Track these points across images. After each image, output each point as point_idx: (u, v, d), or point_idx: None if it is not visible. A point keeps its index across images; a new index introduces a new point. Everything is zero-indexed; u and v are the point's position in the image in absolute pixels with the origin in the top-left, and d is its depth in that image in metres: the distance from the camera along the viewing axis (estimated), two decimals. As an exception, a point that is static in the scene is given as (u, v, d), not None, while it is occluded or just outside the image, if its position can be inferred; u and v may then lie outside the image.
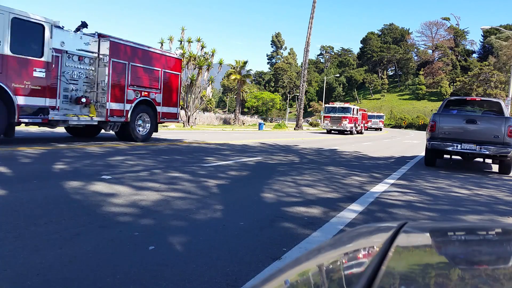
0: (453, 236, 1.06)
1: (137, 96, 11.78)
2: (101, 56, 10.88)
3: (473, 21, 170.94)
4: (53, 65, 9.50)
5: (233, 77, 48.56)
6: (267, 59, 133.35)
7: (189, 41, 28.87)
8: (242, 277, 2.37)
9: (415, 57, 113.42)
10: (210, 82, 30.76)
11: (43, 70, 9.17)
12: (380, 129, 53.75)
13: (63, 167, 6.17)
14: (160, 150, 9.85)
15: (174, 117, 13.53)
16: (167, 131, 21.60)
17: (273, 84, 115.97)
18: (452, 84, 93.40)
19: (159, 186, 5.03)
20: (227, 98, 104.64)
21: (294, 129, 40.61)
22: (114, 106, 11.08)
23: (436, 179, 7.70)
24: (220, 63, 32.07)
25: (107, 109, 10.86)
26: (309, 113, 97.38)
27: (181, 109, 29.65)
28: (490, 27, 34.41)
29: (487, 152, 8.79)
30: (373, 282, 0.61)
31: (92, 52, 10.79)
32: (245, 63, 47.11)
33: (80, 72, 10.48)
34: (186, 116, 29.07)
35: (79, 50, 10.41)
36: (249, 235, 3.25)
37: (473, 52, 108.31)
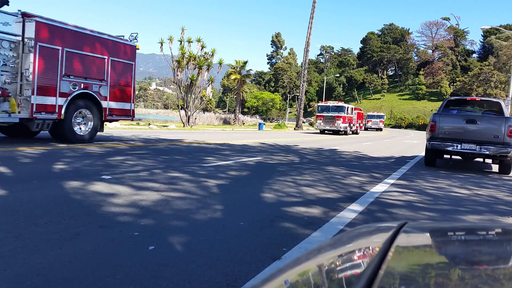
0: (453, 236, 1.06)
1: (74, 88, 9.95)
2: (26, 40, 9.04)
3: (473, 21, 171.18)
4: None
5: (233, 77, 48.58)
6: (267, 59, 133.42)
7: (189, 41, 28.85)
8: (242, 277, 2.37)
9: (415, 57, 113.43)
10: (210, 82, 30.75)
11: None
12: (381, 129, 52.84)
13: (63, 167, 6.17)
14: (160, 150, 9.85)
15: (126, 114, 11.66)
16: (167, 131, 21.60)
17: (273, 84, 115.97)
18: (452, 84, 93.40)
19: (159, 186, 5.03)
20: (227, 98, 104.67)
21: (294, 129, 40.62)
22: (42, 100, 9.23)
23: (436, 179, 7.70)
24: (220, 63, 32.05)
25: (32, 104, 9.03)
26: (309, 113, 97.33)
27: (181, 109, 29.69)
28: (490, 27, 34.41)
29: (487, 152, 8.79)
30: (373, 282, 0.61)
31: (14, 35, 8.96)
32: (245, 63, 47.14)
33: None
34: (186, 116, 29.06)
35: None
36: (249, 235, 3.25)
37: (473, 52, 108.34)
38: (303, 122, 55.27)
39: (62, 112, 9.67)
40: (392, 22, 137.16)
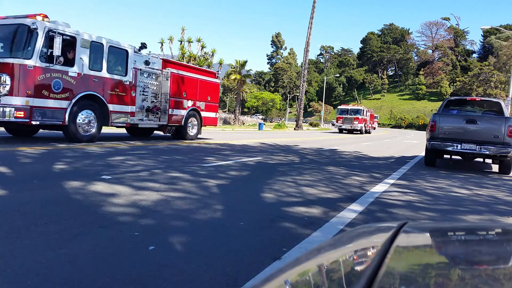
0: (453, 236, 1.06)
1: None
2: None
3: (473, 21, 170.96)
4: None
5: (233, 77, 48.54)
6: (267, 59, 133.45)
7: (189, 41, 28.89)
8: (242, 277, 2.37)
9: (415, 57, 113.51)
10: (210, 82, 30.71)
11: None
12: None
13: (63, 167, 6.17)
14: (160, 150, 9.85)
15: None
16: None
17: (273, 84, 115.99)
18: (452, 84, 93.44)
19: (159, 186, 5.03)
20: (227, 98, 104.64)
21: (294, 129, 40.62)
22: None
23: (436, 179, 7.69)
24: (220, 63, 32.08)
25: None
26: (309, 113, 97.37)
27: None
28: (490, 27, 34.43)
29: (487, 152, 8.79)
30: (373, 282, 0.61)
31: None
32: (245, 63, 47.07)
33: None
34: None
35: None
36: (249, 235, 3.25)
37: (473, 52, 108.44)
38: (303, 122, 55.47)
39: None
40: (392, 22, 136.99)
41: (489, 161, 11.48)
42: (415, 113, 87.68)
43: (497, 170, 9.87)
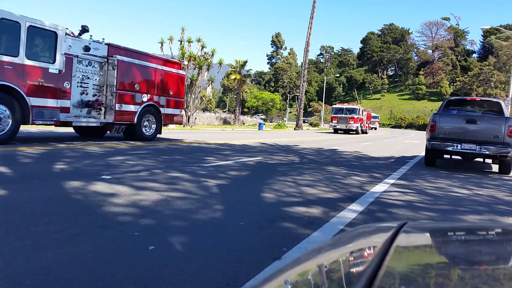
0: (453, 236, 1.06)
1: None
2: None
3: (473, 21, 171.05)
4: None
5: (233, 77, 48.56)
6: (267, 59, 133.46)
7: (189, 41, 28.86)
8: (242, 277, 2.37)
9: (415, 57, 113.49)
10: (210, 82, 30.76)
11: None
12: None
13: (63, 167, 6.17)
14: (160, 150, 9.85)
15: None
16: (167, 131, 21.60)
17: (273, 84, 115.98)
18: (452, 84, 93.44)
19: (159, 186, 5.03)
20: (227, 98, 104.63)
21: (294, 129, 40.63)
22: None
23: (436, 179, 7.70)
24: (220, 63, 32.06)
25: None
26: (309, 113, 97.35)
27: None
28: (490, 27, 34.40)
29: (487, 152, 8.79)
30: (373, 282, 0.61)
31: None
32: (245, 63, 47.10)
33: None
34: (186, 116, 29.06)
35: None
36: (249, 235, 3.25)
37: (473, 52, 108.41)
38: (304, 122, 55.55)
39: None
40: (392, 22, 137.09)
41: (489, 161, 11.48)
42: (415, 113, 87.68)
43: (497, 170, 9.87)
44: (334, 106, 39.03)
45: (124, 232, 3.10)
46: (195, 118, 31.52)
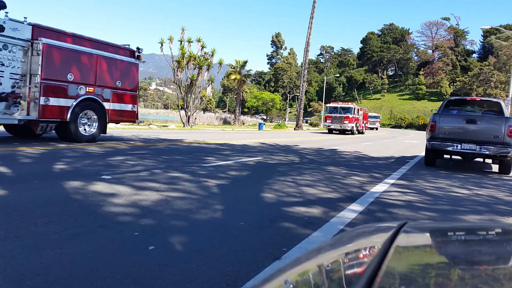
0: (453, 236, 1.06)
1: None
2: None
3: (473, 21, 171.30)
4: None
5: (233, 77, 48.58)
6: (267, 59, 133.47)
7: (189, 41, 28.82)
8: (242, 277, 2.37)
9: (415, 57, 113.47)
10: (210, 82, 30.73)
11: None
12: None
13: (63, 167, 6.17)
14: (160, 150, 9.85)
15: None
16: (167, 131, 21.60)
17: (273, 84, 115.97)
18: (452, 84, 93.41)
19: (159, 186, 5.03)
20: (227, 98, 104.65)
21: (294, 129, 40.62)
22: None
23: (436, 179, 7.69)
24: (220, 63, 32.03)
25: None
26: (309, 113, 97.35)
27: (181, 109, 29.68)
28: (490, 27, 34.38)
29: (487, 152, 8.79)
30: (373, 282, 0.61)
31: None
32: (245, 63, 47.13)
33: None
34: (186, 116, 29.06)
35: None
36: (249, 235, 3.25)
37: (473, 52, 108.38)
38: (304, 122, 55.58)
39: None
40: (392, 22, 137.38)
41: (489, 161, 11.48)
42: (415, 113, 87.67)
43: (497, 170, 9.87)
44: (328, 105, 36.90)
45: (124, 232, 3.10)
46: (195, 118, 31.51)
